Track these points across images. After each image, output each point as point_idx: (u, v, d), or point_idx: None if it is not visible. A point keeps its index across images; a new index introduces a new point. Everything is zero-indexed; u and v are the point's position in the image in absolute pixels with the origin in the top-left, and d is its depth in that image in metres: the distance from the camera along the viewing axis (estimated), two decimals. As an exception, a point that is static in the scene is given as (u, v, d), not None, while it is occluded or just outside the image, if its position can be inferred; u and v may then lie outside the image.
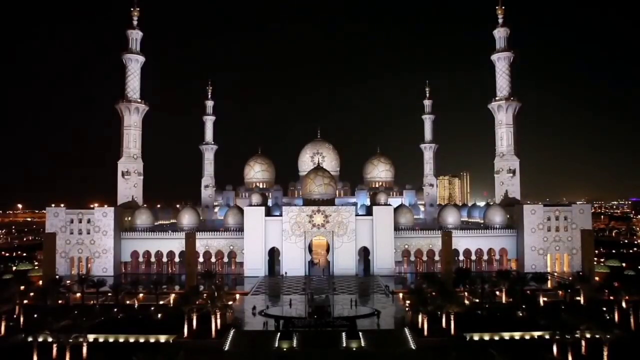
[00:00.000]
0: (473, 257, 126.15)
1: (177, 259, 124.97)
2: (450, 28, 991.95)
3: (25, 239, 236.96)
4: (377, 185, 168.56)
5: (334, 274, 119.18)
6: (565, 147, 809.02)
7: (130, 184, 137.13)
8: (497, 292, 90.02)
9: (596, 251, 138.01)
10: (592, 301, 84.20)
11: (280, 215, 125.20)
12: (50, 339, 61.53)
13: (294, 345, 66.39)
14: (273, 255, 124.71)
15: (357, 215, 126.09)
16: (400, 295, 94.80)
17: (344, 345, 66.55)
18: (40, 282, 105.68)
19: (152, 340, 67.45)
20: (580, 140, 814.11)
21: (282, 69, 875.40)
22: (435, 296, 73.87)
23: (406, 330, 71.76)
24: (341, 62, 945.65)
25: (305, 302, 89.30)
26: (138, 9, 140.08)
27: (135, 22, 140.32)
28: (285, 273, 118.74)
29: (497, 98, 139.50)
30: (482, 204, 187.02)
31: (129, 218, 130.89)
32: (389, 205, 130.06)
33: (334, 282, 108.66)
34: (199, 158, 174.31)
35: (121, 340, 67.61)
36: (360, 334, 68.72)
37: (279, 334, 69.59)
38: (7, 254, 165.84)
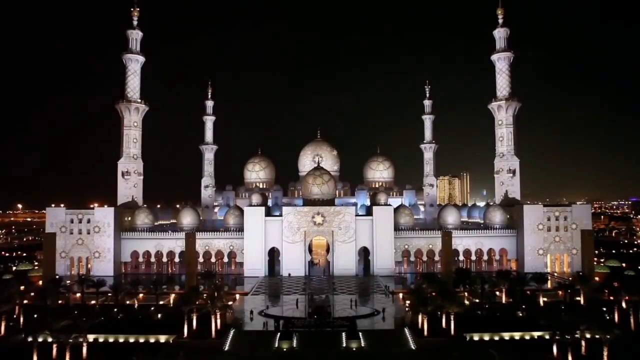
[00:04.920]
0: (473, 257, 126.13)
1: (177, 259, 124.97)
2: (451, 28, 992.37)
3: (25, 239, 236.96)
4: (377, 186, 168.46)
5: (334, 274, 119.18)
6: (565, 147, 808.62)
7: (130, 184, 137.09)
8: (497, 292, 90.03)
9: (596, 251, 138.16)
10: (592, 301, 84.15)
11: (280, 215, 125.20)
12: (50, 339, 61.55)
13: (294, 346, 66.41)
14: (273, 255, 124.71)
15: (357, 215, 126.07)
16: (400, 295, 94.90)
17: (344, 345, 66.59)
18: (40, 282, 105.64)
19: (152, 340, 67.46)
20: (580, 140, 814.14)
21: (282, 68, 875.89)
22: (435, 296, 73.81)
23: (406, 330, 71.80)
24: (341, 62, 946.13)
25: (305, 302, 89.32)
26: (138, 9, 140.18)
27: (135, 22, 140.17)
28: (289, 274, 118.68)
29: (497, 98, 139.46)
30: (482, 204, 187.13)
31: (129, 218, 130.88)
32: (389, 205, 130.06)
33: (334, 282, 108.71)
34: (199, 158, 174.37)
35: (121, 340, 67.63)
36: (360, 334, 68.75)
37: (279, 334, 69.60)
38: (7, 254, 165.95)
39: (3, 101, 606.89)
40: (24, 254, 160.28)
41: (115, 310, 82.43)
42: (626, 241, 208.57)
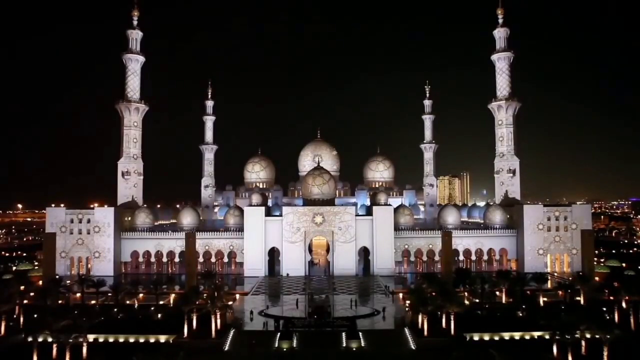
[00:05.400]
0: (473, 257, 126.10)
1: (177, 259, 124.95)
2: (451, 28, 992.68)
3: (25, 239, 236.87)
4: (377, 185, 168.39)
5: (334, 274, 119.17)
6: (565, 147, 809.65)
7: (130, 184, 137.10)
8: (497, 292, 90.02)
9: (596, 251, 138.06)
10: (592, 301, 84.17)
11: (280, 215, 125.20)
12: (50, 339, 61.53)
13: (294, 346, 66.40)
14: (273, 255, 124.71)
15: (357, 215, 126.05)
16: (400, 295, 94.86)
17: (344, 345, 66.59)
18: (40, 282, 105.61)
19: (152, 340, 67.47)
20: (581, 141, 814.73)
21: (282, 68, 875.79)
22: (435, 296, 73.79)
23: (406, 330, 71.81)
24: (341, 62, 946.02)
25: (305, 302, 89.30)
26: (138, 9, 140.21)
27: (135, 22, 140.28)
28: (287, 274, 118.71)
29: (497, 98, 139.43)
30: (482, 204, 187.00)
31: (129, 218, 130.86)
32: (389, 205, 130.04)
33: (334, 282, 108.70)
34: (199, 158, 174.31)
35: (121, 340, 67.64)
36: (360, 334, 68.76)
37: (279, 334, 69.63)
38: (7, 254, 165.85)
39: (3, 101, 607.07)
40: (24, 254, 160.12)
41: (115, 310, 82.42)
42: (626, 241, 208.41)
